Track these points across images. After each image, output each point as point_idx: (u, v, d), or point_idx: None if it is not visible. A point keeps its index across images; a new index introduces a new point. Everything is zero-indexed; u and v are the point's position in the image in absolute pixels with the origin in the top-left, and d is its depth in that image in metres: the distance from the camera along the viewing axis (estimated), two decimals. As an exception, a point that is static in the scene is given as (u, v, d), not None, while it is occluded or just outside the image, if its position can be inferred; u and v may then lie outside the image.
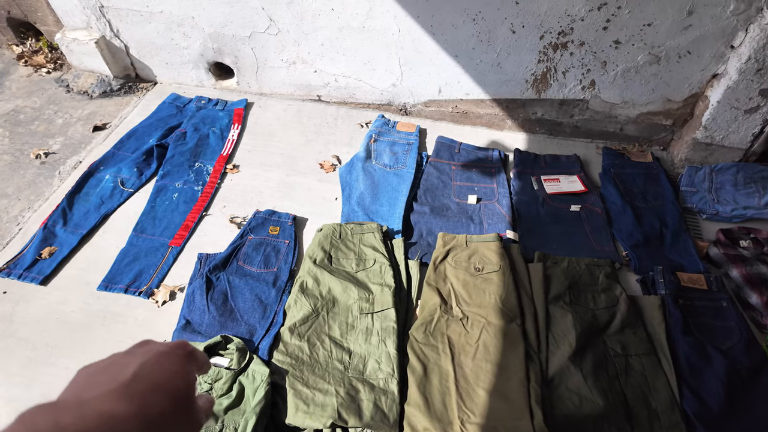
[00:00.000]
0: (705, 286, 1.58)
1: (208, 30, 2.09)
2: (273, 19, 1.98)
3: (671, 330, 1.48)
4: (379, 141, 2.09)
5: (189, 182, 1.93)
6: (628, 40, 1.74)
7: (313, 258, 1.63)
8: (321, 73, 2.17)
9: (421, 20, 1.84)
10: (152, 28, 2.15)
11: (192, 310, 1.52)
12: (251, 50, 2.14)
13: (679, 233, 1.76)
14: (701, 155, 1.95)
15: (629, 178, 1.95)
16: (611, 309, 1.53)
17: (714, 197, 1.87)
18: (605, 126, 2.06)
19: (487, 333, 1.45)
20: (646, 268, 1.65)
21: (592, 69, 1.86)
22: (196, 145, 2.06)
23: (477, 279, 1.58)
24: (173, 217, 1.81)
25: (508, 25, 1.78)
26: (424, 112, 2.22)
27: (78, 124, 2.22)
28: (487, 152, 2.06)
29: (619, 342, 1.45)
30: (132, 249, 1.71)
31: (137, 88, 2.40)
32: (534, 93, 1.99)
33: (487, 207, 1.86)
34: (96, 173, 1.95)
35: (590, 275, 1.61)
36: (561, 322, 1.49)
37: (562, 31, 1.76)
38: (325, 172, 2.01)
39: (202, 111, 2.23)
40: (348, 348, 1.43)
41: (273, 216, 1.78)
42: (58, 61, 2.50)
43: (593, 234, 1.77)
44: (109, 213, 1.84)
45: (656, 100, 1.91)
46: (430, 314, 1.51)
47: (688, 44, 1.71)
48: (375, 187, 1.92)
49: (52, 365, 1.42)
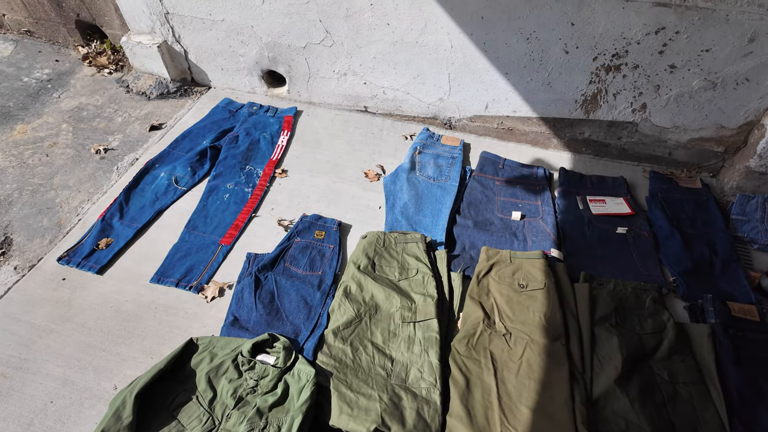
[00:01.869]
0: (757, 318, 1.54)
1: (266, 39, 2.18)
2: (329, 31, 2.05)
3: (722, 360, 1.44)
4: (423, 153, 2.12)
5: (240, 184, 1.99)
6: (684, 65, 1.73)
7: (357, 264, 1.66)
8: (370, 85, 2.22)
9: (474, 37, 1.88)
10: (212, 35, 2.25)
11: (240, 307, 1.57)
12: (305, 60, 2.22)
13: (730, 262, 1.72)
14: (754, 184, 1.91)
15: (677, 203, 1.92)
16: (658, 334, 1.51)
17: (767, 227, 1.82)
18: (653, 150, 2.04)
19: (530, 350, 1.44)
20: (694, 296, 1.62)
21: (644, 92, 1.85)
22: (247, 149, 2.14)
23: (521, 295, 1.58)
24: (224, 217, 1.87)
25: (561, 46, 1.80)
26: (469, 127, 2.24)
27: (136, 123, 2.33)
28: (531, 169, 2.06)
29: (667, 369, 1.43)
30: (184, 245, 1.78)
31: (192, 92, 2.51)
32: (583, 113, 2.00)
33: (531, 224, 1.86)
34: (152, 170, 2.04)
35: (637, 299, 1.59)
36: (606, 344, 1.47)
37: (616, 54, 1.77)
38: (370, 181, 2.05)
39: (254, 116, 2.30)
40: (390, 355, 1.44)
41: (319, 221, 1.83)
42: (119, 62, 2.63)
43: (640, 258, 1.75)
44: (163, 209, 1.91)
45: (709, 126, 1.89)
46: (473, 327, 1.51)
47: (747, 71, 1.69)
48: (419, 198, 1.94)
49: (106, 351, 1.48)
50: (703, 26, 1.62)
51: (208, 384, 1.36)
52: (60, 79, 2.56)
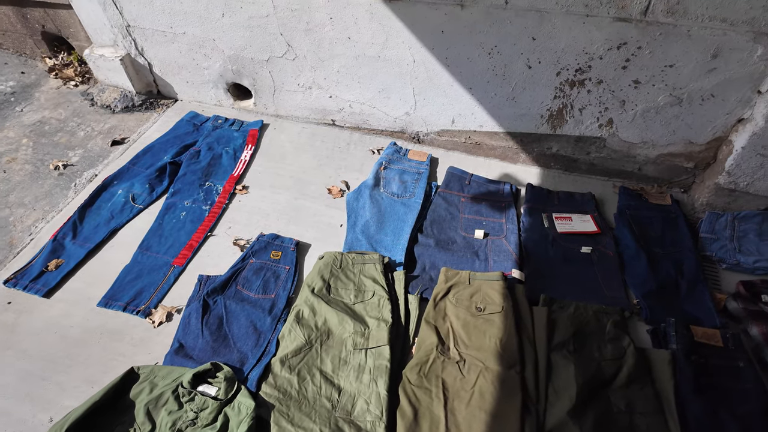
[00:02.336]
0: (720, 343, 1.49)
1: (228, 52, 2.13)
2: (291, 45, 2.01)
3: (681, 389, 1.39)
4: (389, 169, 2.08)
5: (198, 201, 1.94)
6: (648, 81, 1.69)
7: (311, 287, 1.61)
8: (336, 99, 2.18)
9: (436, 52, 1.83)
10: (175, 48, 2.20)
11: (187, 334, 1.52)
12: (269, 73, 2.17)
13: (696, 283, 1.67)
14: (724, 201, 1.86)
15: (646, 221, 1.87)
16: (618, 361, 1.46)
17: (736, 246, 1.78)
18: (623, 165, 1.99)
19: (484, 379, 1.39)
20: (657, 319, 1.57)
21: (610, 107, 1.81)
22: (208, 165, 2.09)
23: (478, 320, 1.53)
24: (179, 236, 1.82)
25: (524, 61, 1.75)
26: (437, 141, 2.20)
27: (98, 138, 2.28)
28: (498, 186, 2.02)
29: (624, 398, 1.38)
30: (135, 266, 1.73)
31: (158, 105, 2.46)
32: (549, 128, 1.95)
33: (494, 243, 1.81)
34: (109, 187, 1.99)
35: (597, 323, 1.54)
36: (563, 372, 1.42)
37: (579, 69, 1.72)
38: (333, 198, 2.00)
39: (218, 130, 2.26)
40: (338, 385, 1.39)
41: (276, 240, 1.78)
42: (86, 75, 2.59)
43: (604, 278, 1.70)
44: (118, 228, 1.87)
45: (677, 142, 1.85)
46: (426, 354, 1.46)
47: (712, 87, 1.65)
48: (381, 215, 1.89)
49: (46, 379, 1.43)
50: (665, 42, 1.57)
51: (146, 416, 1.31)
52: (24, 92, 2.52)
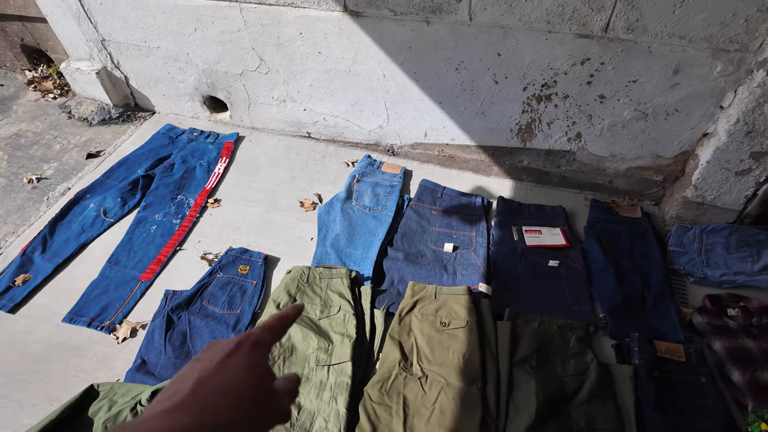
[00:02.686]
0: (683, 358, 1.49)
1: (202, 66, 2.15)
2: (263, 59, 2.02)
3: (642, 405, 1.39)
4: (362, 182, 2.08)
5: (169, 215, 1.94)
6: (613, 96, 1.70)
7: (277, 302, 1.61)
8: (310, 112, 2.19)
9: (405, 67, 1.85)
10: (150, 61, 2.21)
11: (149, 350, 1.51)
12: (243, 87, 2.18)
13: (663, 297, 1.67)
14: (693, 214, 1.87)
15: (615, 234, 1.88)
16: (580, 377, 1.45)
17: (704, 260, 1.78)
18: (594, 178, 2.00)
19: (445, 395, 1.39)
20: (622, 334, 1.57)
21: (578, 122, 1.82)
22: (181, 178, 2.09)
23: (442, 335, 1.53)
24: (148, 250, 1.82)
25: (491, 76, 1.77)
26: (411, 153, 2.20)
27: (74, 151, 2.28)
28: (470, 198, 2.02)
29: (585, 414, 1.37)
30: (103, 281, 1.72)
31: (136, 117, 2.47)
32: (519, 142, 1.96)
33: (463, 256, 1.81)
34: (82, 201, 1.99)
35: (562, 338, 1.54)
36: (524, 388, 1.42)
37: (545, 84, 1.74)
38: (305, 211, 2.00)
39: (193, 143, 2.26)
40: (299, 402, 1.39)
41: (245, 254, 1.78)
42: (65, 87, 2.60)
43: (571, 293, 1.70)
44: (89, 242, 1.86)
45: (645, 156, 1.86)
46: (388, 371, 1.46)
47: (675, 102, 1.66)
48: (352, 229, 1.90)
49: (5, 397, 1.42)
50: (627, 58, 1.59)
51: (104, 434, 1.30)
52: (2, 105, 2.52)
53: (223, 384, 0.39)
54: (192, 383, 0.39)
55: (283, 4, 1.80)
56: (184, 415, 0.36)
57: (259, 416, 0.41)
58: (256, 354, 0.43)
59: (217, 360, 0.41)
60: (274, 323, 0.47)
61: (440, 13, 1.64)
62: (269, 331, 0.46)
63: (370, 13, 1.72)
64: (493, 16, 1.60)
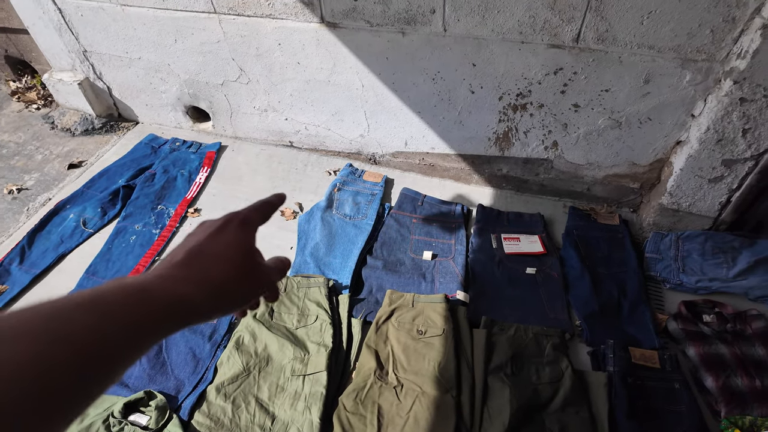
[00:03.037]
0: (658, 365, 1.50)
1: (183, 77, 2.16)
2: (243, 69, 2.03)
3: (615, 413, 1.39)
4: (343, 190, 2.09)
5: (149, 225, 1.94)
6: (587, 105, 1.72)
7: (253, 312, 1.61)
8: (292, 121, 2.20)
9: (383, 77, 1.86)
10: (132, 72, 2.22)
11: (124, 361, 1.50)
12: (224, 97, 2.19)
13: (638, 304, 1.68)
14: (670, 221, 1.89)
15: (593, 241, 1.89)
16: (555, 384, 1.46)
17: (680, 266, 1.80)
18: (572, 186, 2.02)
19: (419, 404, 1.39)
20: (598, 340, 1.58)
21: (554, 130, 1.84)
22: (162, 188, 2.09)
23: (418, 343, 1.53)
24: (127, 261, 1.82)
25: (467, 86, 1.79)
26: (393, 162, 2.22)
27: (56, 161, 2.28)
28: (450, 206, 2.03)
29: (559, 422, 1.38)
30: (80, 292, 1.71)
31: (119, 127, 2.47)
32: (497, 151, 1.98)
33: (442, 264, 1.82)
34: (61, 211, 1.99)
35: (537, 345, 1.55)
36: (498, 396, 1.42)
37: (520, 93, 1.76)
38: (286, 220, 2.01)
39: (175, 153, 2.27)
40: (273, 413, 1.38)
41: (223, 265, 1.77)
42: (49, 98, 2.60)
43: (548, 300, 1.71)
44: (67, 253, 1.86)
45: (621, 163, 1.88)
46: (363, 380, 1.46)
47: (648, 111, 1.68)
48: (332, 237, 1.90)
49: (-22, 411, 1.41)
50: (599, 67, 1.61)
51: (75, 447, 1.29)
52: (-15, 116, 2.52)
53: (214, 251, 0.42)
54: (185, 251, 0.42)
55: (261, 15, 1.82)
56: (181, 270, 0.40)
57: (249, 283, 0.44)
58: (244, 230, 0.46)
59: (208, 233, 0.44)
60: (260, 206, 0.49)
61: (415, 24, 1.66)
62: (256, 211, 0.49)
63: (347, 25, 1.74)
64: (467, 27, 1.62)
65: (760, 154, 1.59)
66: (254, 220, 0.48)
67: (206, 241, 0.43)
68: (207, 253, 0.42)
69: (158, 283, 0.37)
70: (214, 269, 0.41)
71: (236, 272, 0.43)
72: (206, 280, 0.40)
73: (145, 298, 0.36)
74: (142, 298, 0.36)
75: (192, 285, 0.39)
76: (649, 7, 1.42)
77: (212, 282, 0.40)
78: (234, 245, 0.44)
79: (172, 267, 0.40)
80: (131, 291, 0.35)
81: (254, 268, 0.45)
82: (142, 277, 0.38)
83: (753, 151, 1.58)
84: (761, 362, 1.51)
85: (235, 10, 1.84)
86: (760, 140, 1.55)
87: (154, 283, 0.37)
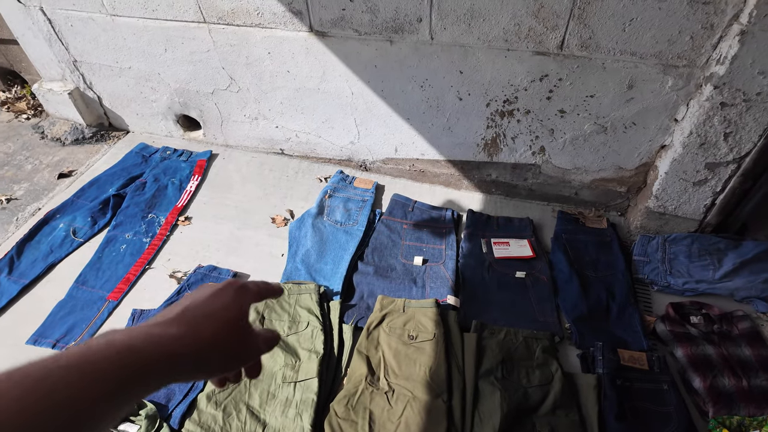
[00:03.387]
0: (646, 366, 1.51)
1: (174, 86, 2.17)
2: (233, 78, 2.05)
3: (605, 415, 1.40)
4: (334, 197, 2.10)
5: (139, 233, 1.94)
6: (573, 110, 1.75)
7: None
8: (282, 129, 2.21)
9: (372, 85, 1.88)
10: (122, 81, 2.23)
11: (114, 370, 1.49)
12: (215, 105, 2.21)
13: (627, 306, 1.70)
14: (656, 224, 1.92)
15: (581, 245, 1.91)
16: (545, 387, 1.47)
17: (667, 268, 1.82)
18: (560, 190, 2.05)
19: (411, 409, 1.39)
20: (587, 343, 1.59)
21: (540, 136, 1.86)
22: (153, 196, 2.09)
23: (409, 348, 1.54)
24: (117, 270, 1.82)
25: (454, 93, 1.81)
26: (383, 168, 2.23)
27: (46, 171, 2.28)
28: (440, 212, 2.05)
29: (549, 424, 1.38)
30: (70, 301, 1.71)
31: (109, 137, 2.48)
32: (486, 156, 2.00)
33: (432, 269, 1.83)
34: (51, 221, 1.98)
35: (527, 349, 1.56)
36: (489, 400, 1.42)
37: (507, 100, 1.78)
38: (277, 227, 2.01)
39: (166, 161, 2.27)
40: (264, 420, 1.38)
41: (213, 272, 1.78)
42: (39, 108, 2.60)
43: (537, 303, 1.73)
44: (57, 262, 1.85)
45: (608, 168, 1.91)
46: (354, 386, 1.46)
47: (632, 116, 1.71)
48: (323, 244, 1.91)
49: (-35, 423, 1.40)
50: (583, 74, 1.64)
51: (63, 458, 1.28)
52: (-26, 126, 2.51)
53: (208, 310, 0.44)
54: (180, 308, 0.43)
55: (250, 24, 1.84)
56: (176, 326, 0.40)
57: (237, 346, 0.45)
58: (241, 295, 0.47)
59: (206, 294, 0.46)
60: (263, 285, 0.51)
61: (402, 32, 1.69)
62: (256, 286, 0.50)
63: (335, 33, 1.77)
64: (453, 35, 1.65)
65: (742, 157, 1.62)
66: (252, 291, 0.49)
67: (203, 300, 0.45)
68: (201, 311, 0.43)
69: (147, 340, 0.38)
70: (206, 327, 0.42)
71: (227, 332, 0.43)
72: (196, 337, 0.41)
73: (133, 359, 0.36)
74: (130, 359, 0.36)
75: (180, 342, 0.40)
76: (631, 14, 1.46)
77: (202, 339, 0.41)
78: (231, 306, 0.45)
79: (165, 324, 0.41)
80: (120, 349, 0.36)
81: (245, 333, 0.46)
82: (133, 333, 0.38)
83: (735, 155, 1.62)
84: (747, 362, 1.53)
85: (225, 19, 1.85)
86: (742, 144, 1.58)
87: (144, 341, 0.38)
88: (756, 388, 1.46)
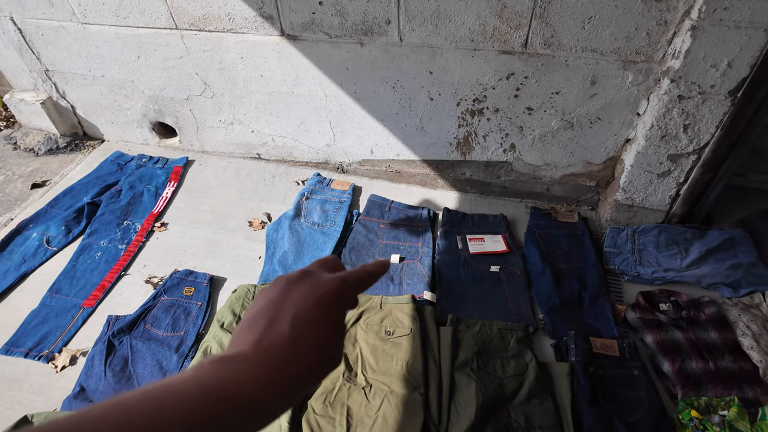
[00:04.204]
0: (617, 353, 1.55)
1: (148, 93, 2.17)
2: (207, 83, 2.06)
3: (578, 401, 1.43)
4: (311, 199, 2.12)
5: (114, 240, 1.93)
6: (539, 107, 1.80)
7: (221, 321, 1.61)
8: (258, 133, 2.23)
9: (345, 87, 1.91)
10: (96, 90, 2.23)
11: (89, 376, 1.48)
12: (190, 111, 2.21)
13: (598, 296, 1.74)
14: (625, 216, 1.97)
15: (554, 238, 1.96)
16: (520, 377, 1.49)
17: (637, 258, 1.87)
18: (532, 186, 2.09)
19: (388, 403, 1.41)
20: (560, 333, 1.63)
21: (510, 133, 1.91)
22: (128, 203, 2.08)
23: (386, 344, 1.55)
24: (92, 277, 1.80)
25: (425, 93, 1.85)
26: (360, 170, 2.26)
27: (18, 182, 2.25)
28: (417, 211, 2.08)
29: (524, 413, 1.41)
30: (43, 310, 1.69)
31: (84, 146, 2.46)
32: (459, 155, 2.04)
33: (409, 267, 1.85)
34: (24, 231, 1.96)
35: (501, 340, 1.58)
36: (465, 391, 1.45)
37: (476, 99, 1.83)
38: (254, 230, 2.02)
39: (141, 169, 2.27)
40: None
41: (190, 276, 1.77)
42: (11, 119, 2.57)
43: (512, 296, 1.76)
44: (29, 272, 1.83)
45: (576, 163, 1.96)
46: (332, 383, 1.47)
47: (597, 111, 1.77)
48: (300, 245, 1.92)
49: (-67, 436, 1.37)
50: (547, 71, 1.69)
51: (36, 467, 1.26)
52: (-56, 138, 2.48)
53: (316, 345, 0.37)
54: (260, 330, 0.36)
55: (222, 30, 1.86)
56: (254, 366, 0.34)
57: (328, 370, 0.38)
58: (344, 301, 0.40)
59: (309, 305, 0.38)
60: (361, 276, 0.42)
61: (372, 35, 1.72)
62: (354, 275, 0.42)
63: (306, 37, 1.80)
64: (421, 36, 1.69)
65: (701, 148, 1.68)
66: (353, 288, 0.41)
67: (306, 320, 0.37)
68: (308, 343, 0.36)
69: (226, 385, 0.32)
70: (292, 364, 0.35)
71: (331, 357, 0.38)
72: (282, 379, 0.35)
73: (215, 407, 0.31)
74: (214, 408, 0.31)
75: (263, 386, 0.33)
76: (589, 13, 1.52)
77: (289, 377, 0.35)
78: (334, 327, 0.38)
79: (245, 360, 0.34)
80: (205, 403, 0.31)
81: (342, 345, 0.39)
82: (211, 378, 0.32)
83: (695, 146, 1.68)
84: (714, 345, 1.58)
85: (197, 25, 1.87)
86: (700, 135, 1.64)
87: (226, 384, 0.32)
88: (722, 370, 1.50)
